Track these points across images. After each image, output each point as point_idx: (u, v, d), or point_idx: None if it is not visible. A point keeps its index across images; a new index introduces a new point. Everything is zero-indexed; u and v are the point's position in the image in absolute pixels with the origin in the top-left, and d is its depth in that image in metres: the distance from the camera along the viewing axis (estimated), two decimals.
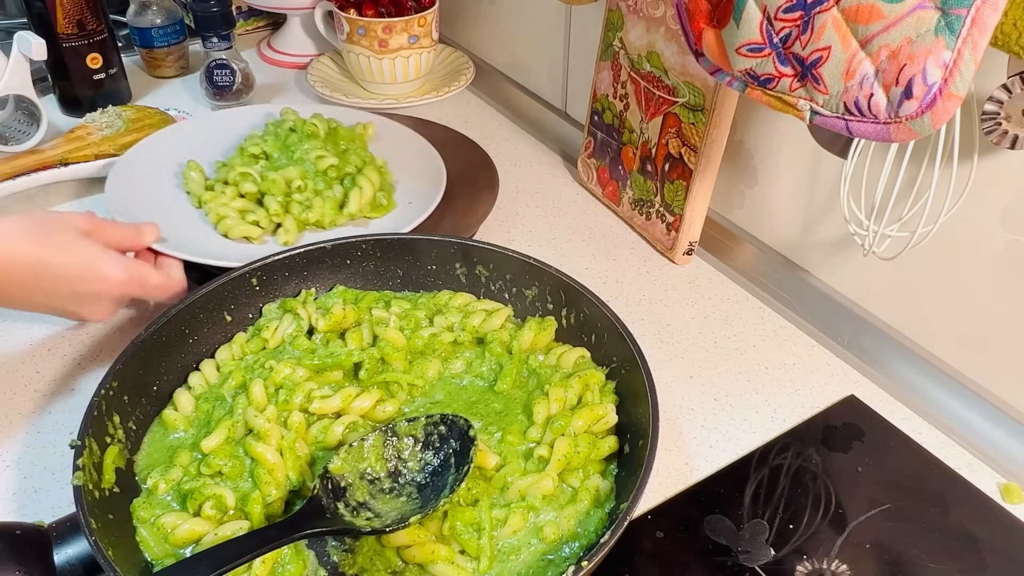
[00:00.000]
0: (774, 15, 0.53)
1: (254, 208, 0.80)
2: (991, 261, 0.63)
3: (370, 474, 0.56)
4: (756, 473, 0.63)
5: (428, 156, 0.89)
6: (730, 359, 0.74)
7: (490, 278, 0.72)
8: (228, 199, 0.80)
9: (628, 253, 0.87)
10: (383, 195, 0.84)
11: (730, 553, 0.57)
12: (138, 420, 0.60)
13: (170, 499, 0.56)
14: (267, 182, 0.81)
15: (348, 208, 0.81)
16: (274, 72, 1.21)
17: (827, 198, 0.74)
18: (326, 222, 0.80)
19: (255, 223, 0.79)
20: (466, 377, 0.65)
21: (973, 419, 0.66)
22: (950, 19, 0.45)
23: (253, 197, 0.81)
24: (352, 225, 0.82)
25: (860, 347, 0.74)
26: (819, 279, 0.78)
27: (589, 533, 0.54)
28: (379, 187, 0.84)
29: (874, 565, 0.57)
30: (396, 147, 0.91)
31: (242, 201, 0.81)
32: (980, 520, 0.60)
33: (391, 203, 0.84)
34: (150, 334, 0.61)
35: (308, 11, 1.17)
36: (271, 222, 0.80)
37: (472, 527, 0.53)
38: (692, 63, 0.76)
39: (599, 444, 0.59)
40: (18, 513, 0.59)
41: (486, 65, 1.18)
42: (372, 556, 0.53)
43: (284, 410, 0.60)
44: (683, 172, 0.81)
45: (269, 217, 0.79)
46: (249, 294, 0.69)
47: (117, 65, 1.06)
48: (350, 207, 0.81)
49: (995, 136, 0.55)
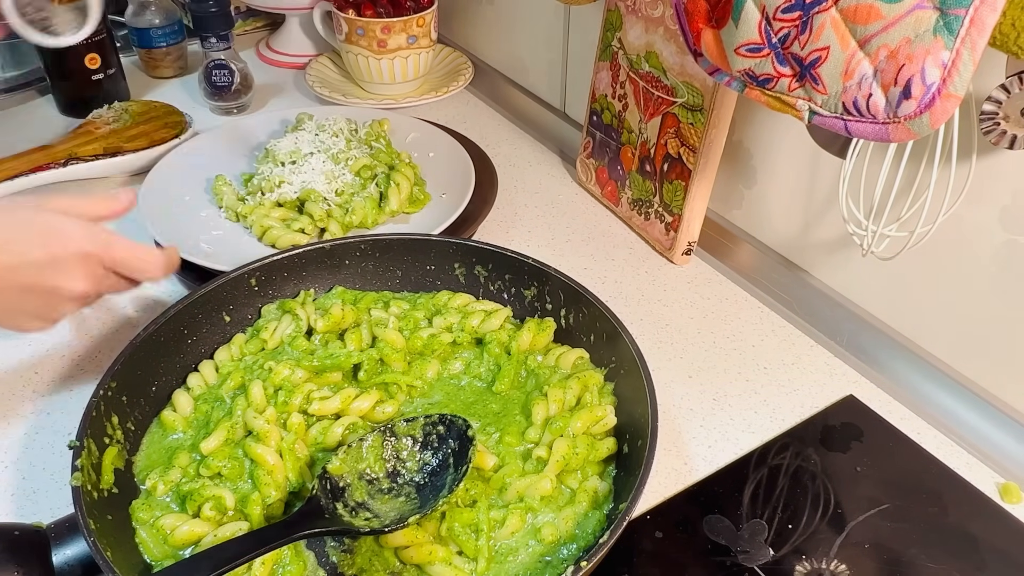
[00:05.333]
0: (773, 15, 0.53)
1: (296, 216, 0.81)
2: (989, 261, 0.63)
3: (369, 474, 0.56)
4: (755, 473, 0.63)
5: (448, 145, 0.90)
6: (729, 359, 0.74)
7: (489, 278, 0.72)
8: (267, 209, 0.81)
9: (627, 253, 0.87)
10: (418, 189, 0.85)
11: (729, 553, 0.57)
12: (137, 421, 0.60)
13: (169, 500, 0.56)
14: (306, 190, 0.81)
15: (389, 206, 0.82)
16: (273, 72, 1.21)
17: (826, 198, 0.74)
18: (369, 221, 0.81)
19: (301, 230, 0.79)
20: (465, 378, 0.65)
21: (972, 419, 0.66)
22: (948, 19, 0.45)
23: (293, 205, 0.82)
24: (393, 222, 0.83)
25: (859, 347, 0.74)
26: (818, 279, 0.78)
27: (587, 535, 0.54)
28: (414, 181, 0.85)
29: (873, 565, 0.57)
30: (415, 141, 0.93)
31: (282, 210, 0.81)
32: (979, 520, 0.60)
33: (426, 196, 0.85)
34: (148, 334, 0.61)
35: (307, 11, 1.17)
36: (315, 227, 0.80)
37: (470, 528, 0.53)
38: (691, 63, 0.76)
39: (597, 445, 0.59)
40: (17, 514, 0.59)
41: (485, 65, 1.18)
42: (371, 556, 0.53)
43: (283, 411, 0.60)
44: (682, 172, 0.81)
45: (314, 223, 0.80)
46: (248, 295, 0.69)
47: (116, 65, 1.06)
48: (391, 204, 0.82)
49: (994, 136, 0.55)
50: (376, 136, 0.89)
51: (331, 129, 0.87)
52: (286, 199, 0.81)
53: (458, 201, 0.82)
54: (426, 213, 0.84)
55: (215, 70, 1.05)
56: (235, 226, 0.83)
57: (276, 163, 0.84)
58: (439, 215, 0.82)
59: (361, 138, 0.88)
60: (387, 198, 0.82)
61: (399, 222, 0.84)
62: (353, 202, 0.81)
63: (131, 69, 1.15)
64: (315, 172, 0.83)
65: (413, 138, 0.93)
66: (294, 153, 0.84)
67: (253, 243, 0.80)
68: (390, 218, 0.83)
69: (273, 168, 0.84)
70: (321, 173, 0.82)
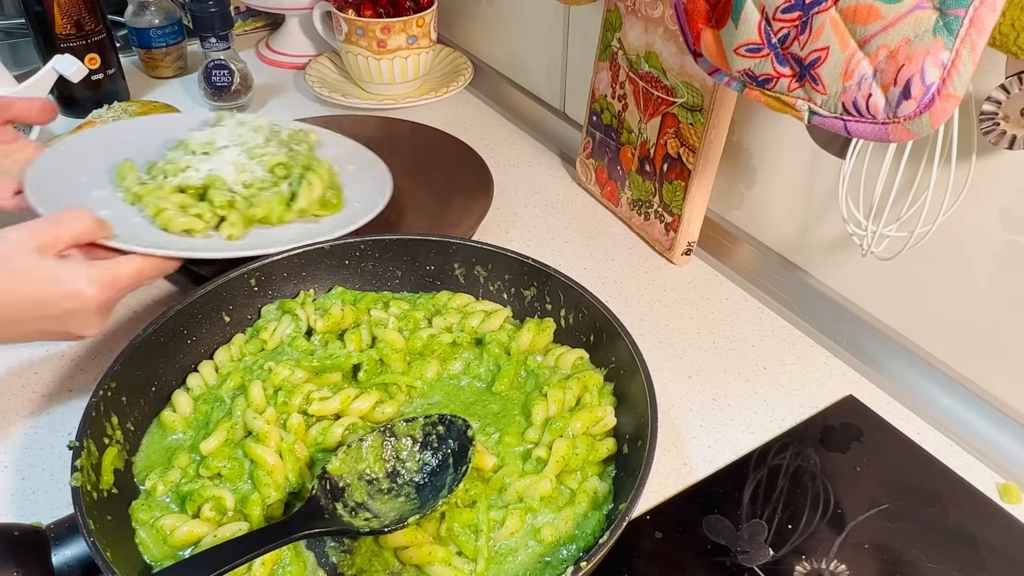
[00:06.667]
0: (772, 15, 0.53)
1: (195, 203, 0.74)
2: (989, 261, 0.63)
3: (368, 474, 0.56)
4: (755, 473, 0.63)
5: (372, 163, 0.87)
6: (729, 359, 0.74)
7: (489, 279, 0.72)
8: (167, 192, 0.74)
9: (626, 253, 0.87)
10: (332, 193, 0.80)
11: (729, 553, 0.57)
12: (136, 421, 0.60)
13: (169, 500, 0.56)
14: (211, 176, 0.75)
15: (297, 203, 0.76)
16: (272, 72, 1.21)
17: (825, 198, 0.74)
18: (274, 218, 0.75)
19: (198, 216, 0.73)
20: (464, 378, 0.65)
21: (972, 419, 0.66)
22: (948, 19, 0.45)
23: (196, 193, 0.75)
24: (301, 223, 0.77)
25: (859, 347, 0.74)
26: (818, 279, 0.78)
27: (586, 535, 0.54)
28: (329, 185, 0.80)
29: (873, 565, 0.57)
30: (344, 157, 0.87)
31: (183, 196, 0.74)
32: (978, 520, 0.60)
33: (340, 202, 0.80)
34: (148, 335, 0.61)
35: (307, 11, 1.17)
36: (215, 215, 0.74)
37: (469, 528, 0.53)
38: (690, 63, 0.76)
39: (597, 446, 0.59)
40: (16, 514, 0.59)
41: (484, 65, 1.18)
42: (370, 557, 0.53)
43: (283, 412, 0.59)
44: (681, 172, 0.81)
45: (213, 211, 0.73)
46: (247, 295, 0.69)
47: (115, 65, 1.06)
48: (299, 202, 0.76)
49: (993, 136, 0.55)
50: (299, 141, 0.84)
51: (252, 125, 0.82)
52: (189, 184, 0.75)
53: (371, 209, 0.78)
54: (336, 217, 0.79)
55: (215, 70, 1.05)
56: (129, 208, 0.75)
57: (187, 151, 0.79)
58: (348, 220, 0.77)
59: (283, 139, 0.83)
60: (297, 197, 0.77)
61: (307, 223, 0.78)
62: (260, 196, 0.75)
63: (131, 69, 1.15)
64: (225, 162, 0.77)
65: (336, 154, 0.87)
66: (208, 144, 0.79)
67: (144, 224, 0.73)
68: (298, 218, 0.77)
69: (183, 155, 0.78)
70: (231, 164, 0.77)
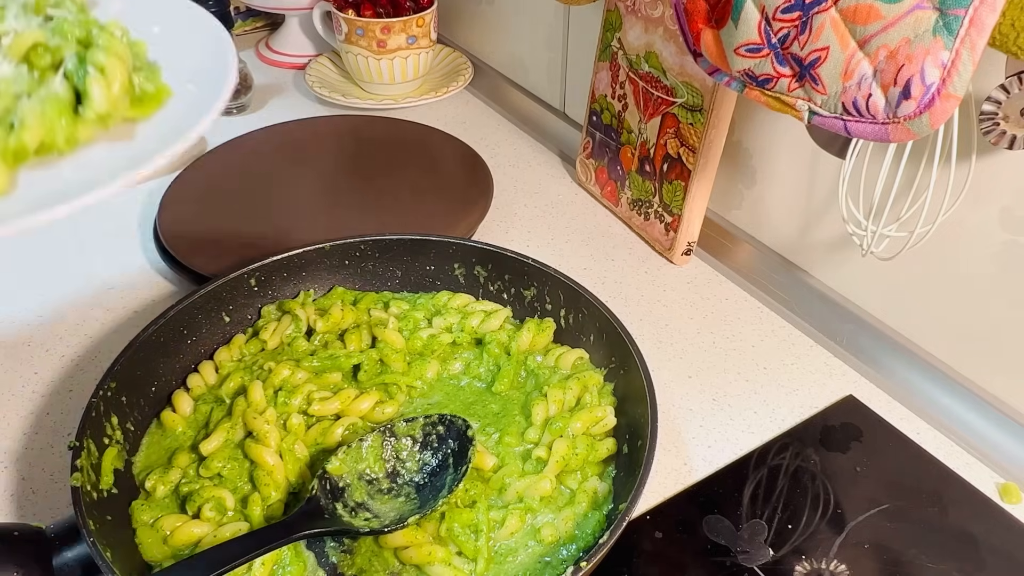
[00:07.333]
0: (772, 15, 0.53)
1: None
2: (989, 261, 0.63)
3: (368, 474, 0.56)
4: (755, 473, 0.63)
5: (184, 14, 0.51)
6: (729, 359, 0.74)
7: (489, 279, 0.72)
8: None
9: (626, 253, 0.87)
10: (145, 77, 0.47)
11: (729, 553, 0.57)
12: (136, 421, 0.60)
13: (169, 501, 0.56)
14: None
15: (92, 107, 0.43)
16: (272, 72, 1.21)
17: (825, 198, 0.74)
18: (60, 140, 0.43)
19: None
20: (464, 378, 0.65)
21: (972, 419, 0.66)
22: (948, 19, 0.45)
23: None
24: (108, 139, 0.45)
25: (859, 347, 0.74)
26: (817, 279, 0.78)
27: (586, 535, 0.54)
28: (134, 64, 0.46)
29: (873, 565, 0.57)
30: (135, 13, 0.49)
31: None
32: (978, 520, 0.60)
33: (162, 89, 0.46)
34: (148, 335, 0.61)
35: (306, 11, 1.17)
36: None
37: (469, 528, 0.53)
38: (690, 63, 0.76)
39: (597, 446, 0.59)
40: (16, 514, 0.59)
41: (484, 65, 1.18)
42: (370, 557, 0.53)
43: (283, 412, 0.59)
44: (681, 172, 0.81)
45: None
46: (247, 295, 0.69)
47: None
48: (95, 105, 0.43)
49: (993, 136, 0.55)
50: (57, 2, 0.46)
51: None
52: None
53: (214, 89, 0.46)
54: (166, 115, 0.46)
55: None
56: None
57: None
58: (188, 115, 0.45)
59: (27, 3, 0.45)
60: (87, 95, 0.44)
61: (118, 137, 0.45)
62: (21, 110, 0.42)
63: None
64: None
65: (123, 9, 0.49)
66: None
67: None
68: (102, 129, 0.44)
69: None
70: None
